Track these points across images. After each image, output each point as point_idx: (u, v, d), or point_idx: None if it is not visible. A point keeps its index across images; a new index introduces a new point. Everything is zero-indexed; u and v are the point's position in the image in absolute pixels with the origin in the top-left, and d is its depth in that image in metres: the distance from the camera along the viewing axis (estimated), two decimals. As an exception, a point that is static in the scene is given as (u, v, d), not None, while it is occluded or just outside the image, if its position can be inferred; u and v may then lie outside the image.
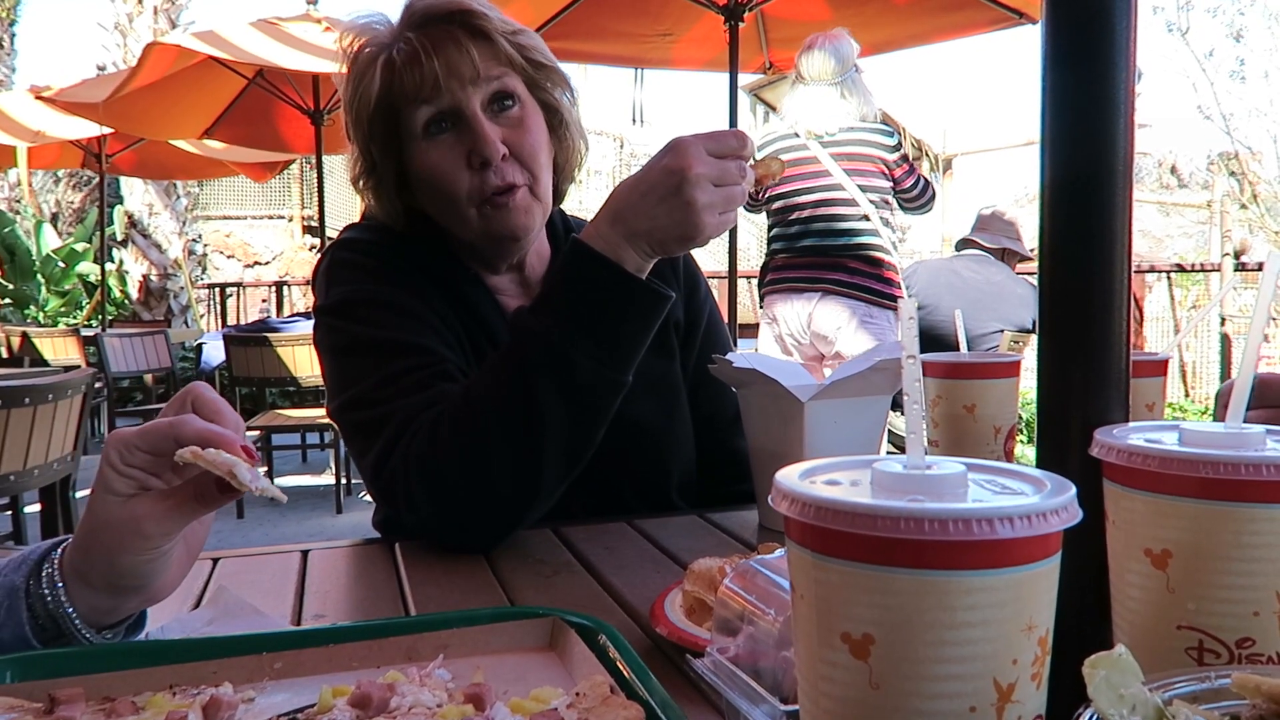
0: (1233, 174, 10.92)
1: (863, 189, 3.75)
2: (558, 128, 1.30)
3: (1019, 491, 0.45)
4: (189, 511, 0.72)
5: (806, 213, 3.81)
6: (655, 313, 1.09)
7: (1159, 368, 1.20)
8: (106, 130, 6.89)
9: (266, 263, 13.75)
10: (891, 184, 3.82)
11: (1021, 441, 4.18)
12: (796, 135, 3.86)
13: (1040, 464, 0.61)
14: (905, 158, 3.85)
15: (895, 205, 3.88)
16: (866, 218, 3.74)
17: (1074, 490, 0.43)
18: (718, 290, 4.65)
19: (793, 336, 3.91)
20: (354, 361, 1.20)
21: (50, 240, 11.98)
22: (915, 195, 3.88)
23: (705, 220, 1.04)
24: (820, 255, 3.79)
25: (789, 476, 0.46)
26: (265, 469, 5.36)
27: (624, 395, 1.10)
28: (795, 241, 3.86)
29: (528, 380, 1.06)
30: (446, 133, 1.21)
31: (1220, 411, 0.92)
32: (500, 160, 1.20)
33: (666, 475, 1.36)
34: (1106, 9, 0.59)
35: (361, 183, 1.31)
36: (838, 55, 3.77)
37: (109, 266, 10.22)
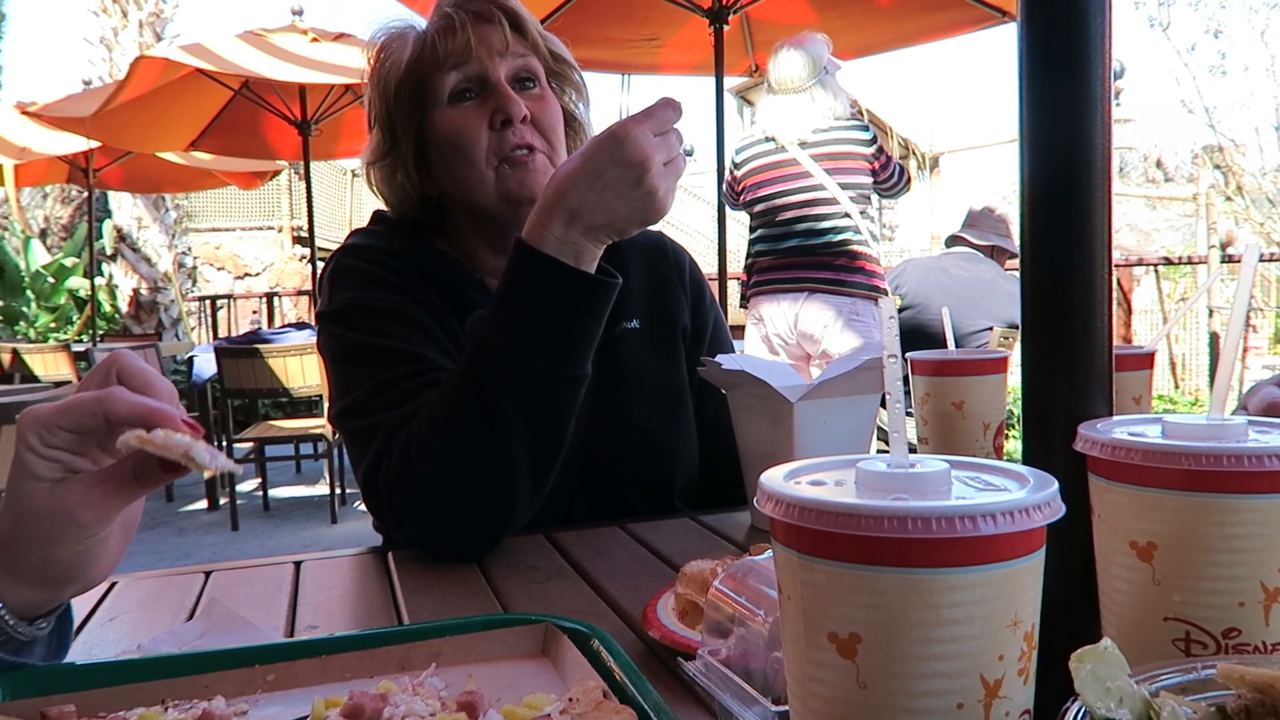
0: (1217, 167, 10.96)
1: (843, 187, 3.78)
2: (572, 135, 1.34)
3: (1002, 488, 0.45)
4: (127, 494, 0.66)
5: (789, 214, 3.84)
6: (608, 302, 1.09)
7: (1145, 361, 1.21)
8: (93, 144, 6.87)
9: (257, 274, 13.70)
10: (872, 177, 3.85)
11: (1012, 436, 4.19)
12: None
13: (1025, 460, 0.61)
14: (881, 149, 3.89)
15: (875, 198, 3.93)
16: (848, 215, 3.77)
17: (1057, 485, 0.44)
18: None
19: (779, 336, 3.93)
20: (351, 369, 1.21)
21: (39, 256, 11.92)
22: (893, 183, 3.95)
23: (667, 202, 1.06)
24: (805, 255, 3.82)
25: (774, 478, 0.46)
26: (259, 480, 5.35)
27: (627, 396, 1.08)
28: (779, 243, 3.89)
29: (484, 391, 1.05)
30: (471, 100, 1.25)
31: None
32: (521, 122, 1.24)
33: (670, 480, 1.35)
34: (1081, 9, 0.59)
35: (376, 165, 1.33)
36: (806, 59, 3.80)
37: (99, 281, 10.17)
